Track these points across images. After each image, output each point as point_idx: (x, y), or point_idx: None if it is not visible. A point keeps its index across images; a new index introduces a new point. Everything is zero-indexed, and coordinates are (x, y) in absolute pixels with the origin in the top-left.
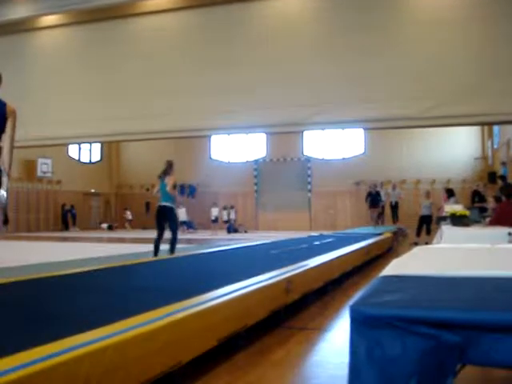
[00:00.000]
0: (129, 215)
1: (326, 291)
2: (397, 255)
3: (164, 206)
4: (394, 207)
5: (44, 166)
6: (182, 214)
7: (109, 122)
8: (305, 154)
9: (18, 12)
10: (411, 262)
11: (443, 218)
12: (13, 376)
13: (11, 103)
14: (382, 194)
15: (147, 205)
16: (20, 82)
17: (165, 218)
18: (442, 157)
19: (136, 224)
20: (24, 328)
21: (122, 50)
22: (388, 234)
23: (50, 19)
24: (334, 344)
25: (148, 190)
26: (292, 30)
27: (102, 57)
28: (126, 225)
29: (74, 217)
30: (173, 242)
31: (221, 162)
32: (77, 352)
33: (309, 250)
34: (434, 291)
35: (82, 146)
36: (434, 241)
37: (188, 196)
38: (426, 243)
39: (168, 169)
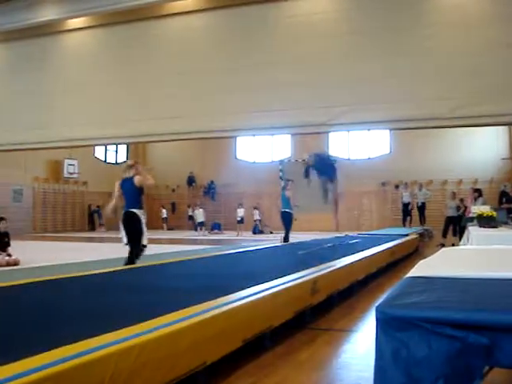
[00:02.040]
0: (164, 213)
1: (351, 292)
2: (423, 256)
3: None
4: (421, 208)
5: (70, 167)
6: (199, 215)
7: (134, 122)
8: (330, 154)
9: (44, 15)
10: (437, 264)
11: (470, 219)
12: (41, 374)
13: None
14: (408, 194)
15: (173, 205)
16: (46, 85)
17: None
18: (468, 157)
19: (160, 224)
20: (52, 327)
21: (148, 51)
22: (414, 235)
23: (76, 22)
24: (359, 345)
25: (174, 190)
26: (316, 31)
27: (129, 58)
28: (163, 224)
29: (100, 217)
30: None
31: (246, 162)
32: (103, 351)
33: (334, 251)
34: (460, 293)
35: (108, 147)
36: (461, 242)
37: (212, 197)
38: (453, 245)
39: None
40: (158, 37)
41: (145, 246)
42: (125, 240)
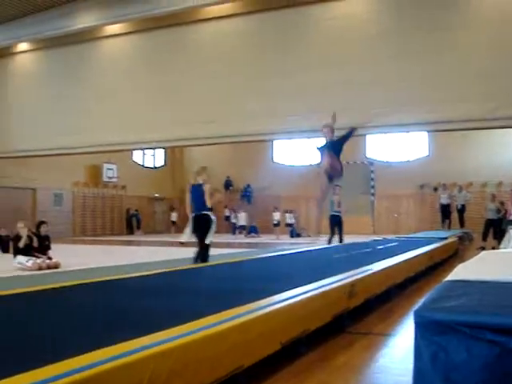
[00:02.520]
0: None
1: (389, 296)
2: (462, 260)
3: None
4: (461, 210)
5: (109, 171)
6: (241, 219)
7: (170, 127)
8: (368, 156)
9: (81, 22)
10: (477, 267)
11: (510, 222)
12: (82, 375)
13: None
14: (446, 196)
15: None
16: (84, 90)
17: None
18: (509, 158)
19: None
20: (92, 329)
21: (183, 56)
22: (453, 239)
23: (112, 28)
24: (397, 349)
25: (212, 194)
26: (350, 33)
27: (165, 63)
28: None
29: (138, 221)
30: None
31: (283, 165)
32: (142, 354)
33: (372, 255)
34: (500, 297)
35: (146, 151)
36: (501, 245)
37: (248, 200)
38: (493, 248)
39: None
40: (192, 42)
41: (209, 246)
42: (184, 238)
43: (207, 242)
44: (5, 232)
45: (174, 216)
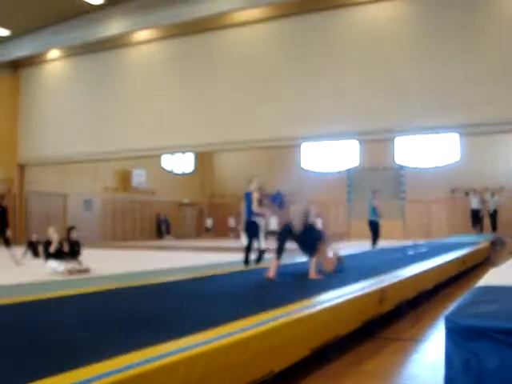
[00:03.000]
0: (232, 223)
1: (420, 302)
2: (494, 265)
3: None
4: (493, 215)
5: (139, 176)
6: (272, 224)
7: (199, 132)
8: (397, 162)
9: (110, 29)
10: (510, 272)
11: None
12: (111, 379)
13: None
14: (477, 200)
15: (239, 214)
16: (115, 97)
17: None
18: None
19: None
20: (123, 334)
21: (214, 61)
22: (485, 243)
23: (143, 34)
24: (428, 355)
25: (241, 199)
26: (381, 36)
27: (195, 69)
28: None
29: (168, 226)
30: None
31: (311, 171)
32: (172, 358)
33: (403, 260)
34: None
35: (176, 156)
36: None
37: (279, 206)
38: None
39: None
40: (221, 47)
41: (264, 251)
42: (244, 243)
43: (260, 246)
44: (36, 237)
45: (208, 222)
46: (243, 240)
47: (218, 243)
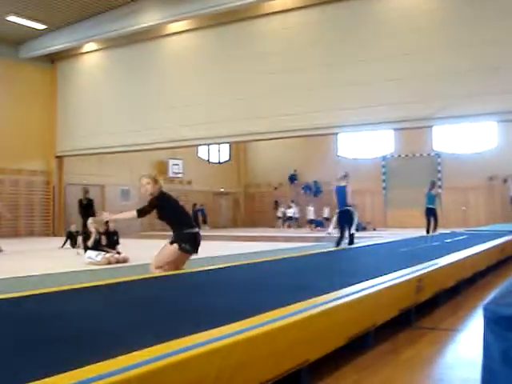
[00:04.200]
0: (289, 212)
1: (458, 291)
2: None
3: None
4: None
5: (175, 166)
6: (310, 213)
7: (235, 122)
8: (434, 148)
9: (146, 21)
10: None
11: None
12: (147, 368)
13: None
14: None
15: (275, 203)
16: (151, 88)
17: None
18: None
19: (265, 223)
20: (160, 323)
21: (249, 50)
22: None
23: (177, 25)
24: (466, 345)
25: (276, 188)
26: (419, 22)
27: (230, 58)
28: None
29: (204, 215)
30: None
31: (348, 158)
32: (209, 347)
33: (440, 248)
34: None
35: (211, 146)
36: None
37: (315, 195)
38: None
39: None
40: (256, 36)
41: (353, 234)
42: (330, 230)
43: (352, 231)
44: (75, 228)
45: (291, 212)
46: (330, 229)
47: (262, 232)
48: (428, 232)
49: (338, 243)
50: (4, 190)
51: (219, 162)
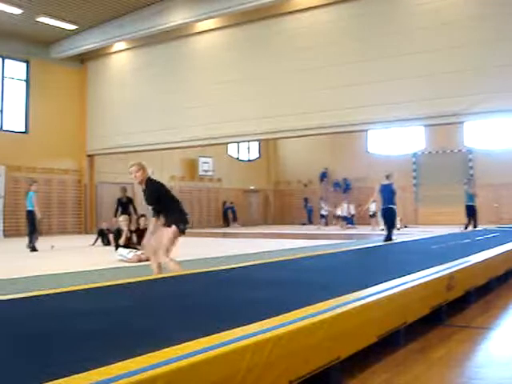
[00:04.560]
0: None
1: (490, 288)
2: None
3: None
4: None
5: (205, 164)
6: (343, 210)
7: (265, 120)
8: (466, 145)
9: (174, 20)
10: None
11: None
12: (178, 365)
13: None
14: None
15: (305, 200)
16: (180, 86)
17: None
18: None
19: (295, 220)
20: (191, 319)
21: (277, 47)
22: None
23: (205, 24)
24: (499, 343)
25: (306, 185)
26: (448, 18)
27: (258, 56)
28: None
29: (234, 213)
30: None
31: (378, 155)
32: (239, 344)
33: (472, 245)
34: None
35: (241, 144)
36: None
37: (344, 191)
38: None
39: None
40: (285, 33)
41: (398, 229)
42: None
43: (397, 226)
44: (106, 225)
45: (339, 210)
46: (382, 224)
47: (287, 229)
48: (466, 228)
49: (389, 238)
50: (37, 188)
51: (249, 160)
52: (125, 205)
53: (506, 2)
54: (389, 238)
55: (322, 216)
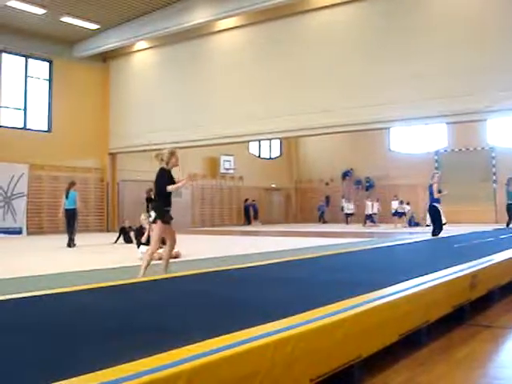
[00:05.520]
0: (373, 207)
1: None
2: None
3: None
4: None
5: (226, 162)
6: (368, 208)
7: (286, 118)
8: (489, 142)
9: (195, 18)
10: None
11: None
12: (202, 361)
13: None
14: None
15: (327, 198)
16: (201, 85)
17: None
18: None
19: (313, 218)
20: (213, 317)
21: (298, 45)
22: None
23: (226, 22)
24: None
25: (327, 184)
26: (471, 13)
27: (279, 54)
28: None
29: (255, 211)
30: None
31: (400, 153)
32: (262, 341)
33: (495, 244)
34: None
35: (262, 142)
36: None
37: (366, 190)
38: None
39: None
40: (306, 31)
41: (445, 224)
42: (428, 222)
43: (443, 222)
44: (128, 223)
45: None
46: (428, 221)
47: (306, 227)
48: (508, 226)
49: (434, 233)
50: (60, 186)
51: (270, 158)
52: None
53: None
54: (434, 233)
55: (347, 215)
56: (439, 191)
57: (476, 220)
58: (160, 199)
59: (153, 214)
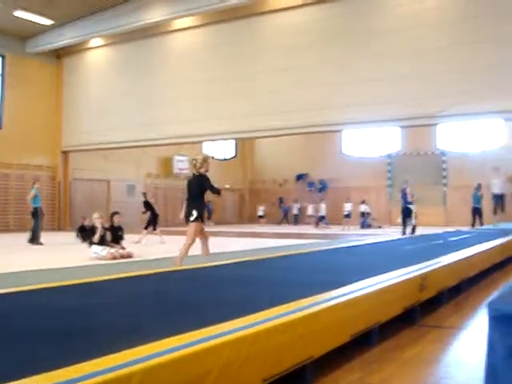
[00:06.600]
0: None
1: (461, 289)
2: None
3: None
4: None
5: (180, 163)
6: (321, 210)
7: (240, 119)
8: (439, 147)
9: (151, 17)
10: None
11: None
12: (156, 361)
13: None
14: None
15: (280, 200)
16: (156, 84)
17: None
18: None
19: (270, 219)
20: (166, 317)
21: (253, 47)
22: None
23: (182, 22)
24: (469, 343)
25: (281, 185)
26: (426, 21)
27: (234, 55)
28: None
29: (210, 212)
30: None
31: (352, 156)
32: (212, 343)
33: (444, 247)
34: None
35: (216, 142)
36: None
37: (319, 192)
38: None
39: None
40: (261, 33)
41: (414, 226)
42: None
43: (413, 223)
44: (88, 222)
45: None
46: (399, 220)
47: (272, 229)
48: (473, 227)
49: (404, 233)
50: (10, 184)
51: (225, 159)
52: (148, 205)
53: (485, 4)
54: (404, 232)
55: (295, 216)
56: (411, 195)
57: (427, 222)
58: (201, 201)
59: (195, 213)
